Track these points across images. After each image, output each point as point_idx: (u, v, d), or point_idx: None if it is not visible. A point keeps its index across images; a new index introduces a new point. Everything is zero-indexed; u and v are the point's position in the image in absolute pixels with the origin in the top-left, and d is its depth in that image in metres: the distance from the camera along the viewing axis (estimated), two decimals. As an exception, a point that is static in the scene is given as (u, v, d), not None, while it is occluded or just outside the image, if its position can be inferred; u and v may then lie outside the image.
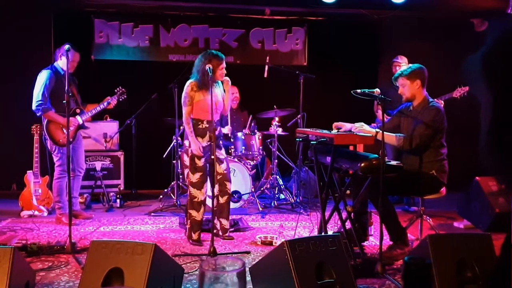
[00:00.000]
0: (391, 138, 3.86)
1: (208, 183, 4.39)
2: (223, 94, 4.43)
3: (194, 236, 4.27)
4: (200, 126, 4.27)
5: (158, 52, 7.22)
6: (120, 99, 5.21)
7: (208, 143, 4.27)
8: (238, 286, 0.84)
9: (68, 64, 4.26)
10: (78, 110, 4.99)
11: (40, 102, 4.74)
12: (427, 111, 3.83)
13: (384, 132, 3.79)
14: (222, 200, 4.42)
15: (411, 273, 0.72)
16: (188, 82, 4.27)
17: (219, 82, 4.38)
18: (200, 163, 4.26)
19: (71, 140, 4.74)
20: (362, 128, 3.80)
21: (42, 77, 4.80)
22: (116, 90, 5.19)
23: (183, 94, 4.27)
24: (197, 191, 4.28)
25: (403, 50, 6.07)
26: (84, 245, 4.09)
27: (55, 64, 4.92)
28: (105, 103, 5.08)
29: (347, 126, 3.90)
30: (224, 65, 4.26)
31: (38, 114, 4.83)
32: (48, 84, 4.77)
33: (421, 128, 3.77)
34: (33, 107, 4.78)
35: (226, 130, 5.98)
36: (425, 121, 3.77)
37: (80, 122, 4.99)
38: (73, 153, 4.93)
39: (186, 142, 4.33)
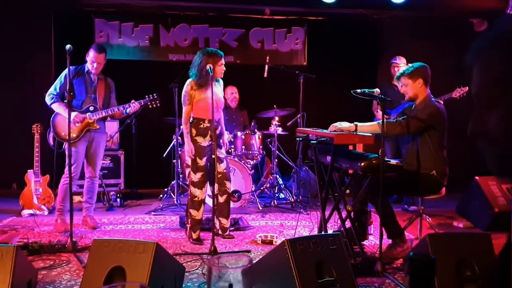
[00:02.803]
0: (373, 127, 3.77)
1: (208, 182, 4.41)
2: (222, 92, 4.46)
3: (194, 236, 4.29)
4: (202, 126, 4.27)
5: (158, 52, 7.24)
6: (150, 106, 4.81)
7: (210, 142, 4.27)
8: (244, 282, 0.86)
9: (69, 62, 4.06)
10: (91, 108, 4.67)
11: (51, 93, 4.63)
12: (426, 108, 3.84)
13: (363, 124, 3.81)
14: (221, 199, 4.43)
15: (415, 269, 0.74)
16: (187, 81, 4.28)
17: (219, 80, 4.40)
18: (201, 162, 4.27)
19: (74, 135, 4.53)
20: (341, 127, 3.78)
21: (62, 73, 4.68)
22: (146, 96, 4.80)
23: (183, 93, 4.28)
24: (197, 190, 4.29)
25: (403, 50, 6.09)
26: (85, 243, 4.11)
27: (85, 64, 4.76)
28: (126, 106, 4.69)
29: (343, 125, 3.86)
30: (223, 61, 4.27)
31: (48, 104, 4.63)
32: (63, 82, 4.61)
33: (411, 118, 3.77)
34: (45, 98, 4.65)
35: (227, 136, 5.96)
36: (419, 115, 3.79)
37: (90, 120, 4.64)
38: (88, 156, 4.74)
39: None
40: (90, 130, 4.69)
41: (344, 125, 3.79)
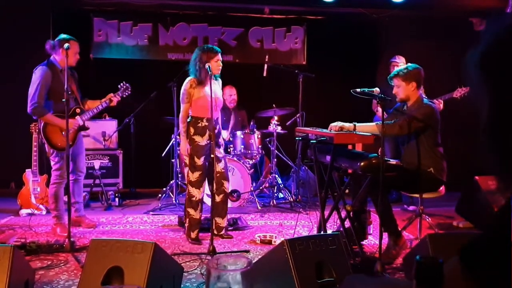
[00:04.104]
0: (372, 127, 3.77)
1: (206, 182, 4.40)
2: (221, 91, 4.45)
3: (193, 235, 4.27)
4: (200, 124, 4.25)
5: (157, 51, 7.21)
6: (124, 95, 4.78)
7: (208, 141, 4.26)
8: (243, 284, 0.84)
9: (67, 60, 4.05)
10: (78, 110, 4.55)
11: (35, 104, 4.31)
12: (420, 108, 3.84)
13: (361, 124, 3.79)
14: (218, 198, 4.40)
15: (422, 272, 0.72)
16: (187, 79, 4.26)
17: (218, 78, 4.38)
18: (199, 161, 4.26)
19: (70, 143, 4.37)
20: (341, 125, 3.76)
21: (37, 75, 4.36)
22: (119, 86, 4.79)
23: (182, 91, 4.26)
24: (195, 189, 4.27)
25: (402, 49, 6.08)
26: (83, 243, 4.08)
27: (51, 58, 4.49)
28: (107, 101, 4.66)
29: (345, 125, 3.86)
30: (219, 57, 4.25)
31: (34, 118, 4.47)
32: (43, 83, 4.33)
33: (408, 118, 3.76)
34: (28, 110, 4.35)
35: (225, 134, 5.97)
36: (416, 115, 3.77)
37: (81, 123, 4.55)
38: (73, 156, 4.56)
39: None
40: (80, 132, 4.64)
41: (344, 124, 3.78)
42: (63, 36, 4.52)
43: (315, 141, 3.66)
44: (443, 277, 0.69)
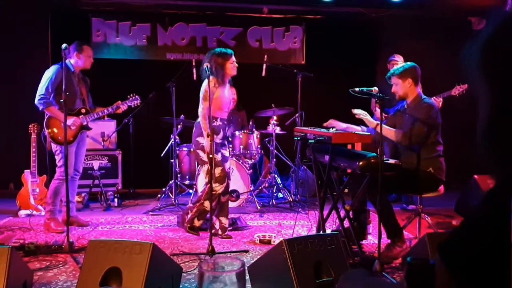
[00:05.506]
0: (390, 132, 3.86)
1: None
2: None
3: (198, 223, 4.40)
4: (215, 124, 4.31)
5: (156, 51, 7.20)
6: (132, 105, 4.99)
7: (221, 140, 4.41)
8: (237, 286, 0.84)
9: (64, 60, 4.14)
10: (83, 110, 4.71)
11: (43, 96, 4.49)
12: (420, 108, 3.84)
13: (384, 126, 3.80)
14: (223, 198, 4.46)
15: (414, 274, 0.71)
16: (210, 77, 4.25)
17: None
18: (218, 157, 4.34)
19: (71, 139, 4.57)
20: (366, 118, 3.81)
21: (49, 72, 4.57)
22: (128, 96, 4.95)
23: (205, 89, 4.24)
24: (218, 185, 4.35)
25: (401, 48, 6.07)
26: (82, 244, 4.08)
27: (66, 61, 4.55)
28: (114, 107, 4.83)
29: (341, 125, 3.90)
30: (234, 59, 4.37)
31: (40, 109, 4.57)
32: (54, 79, 4.50)
33: (417, 126, 3.76)
34: (36, 101, 4.53)
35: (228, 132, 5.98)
36: (420, 118, 3.77)
37: (84, 122, 4.70)
38: (74, 154, 4.70)
39: (200, 139, 4.34)
40: (82, 131, 4.77)
41: (368, 118, 3.82)
42: (77, 41, 4.72)
43: (313, 140, 3.66)
44: (435, 278, 0.68)
